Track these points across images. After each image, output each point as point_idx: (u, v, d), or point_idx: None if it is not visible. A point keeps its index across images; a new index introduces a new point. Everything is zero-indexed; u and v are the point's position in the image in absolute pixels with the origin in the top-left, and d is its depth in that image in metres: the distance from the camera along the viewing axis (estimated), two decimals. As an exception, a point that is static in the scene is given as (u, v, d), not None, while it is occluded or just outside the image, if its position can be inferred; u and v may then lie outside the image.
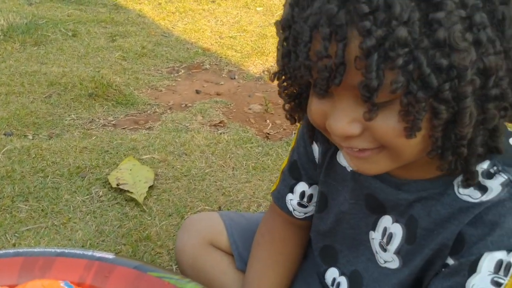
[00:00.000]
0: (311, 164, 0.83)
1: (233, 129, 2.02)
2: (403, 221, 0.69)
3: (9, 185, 1.52)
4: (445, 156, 0.55)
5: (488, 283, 0.57)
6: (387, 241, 0.72)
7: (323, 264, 0.86)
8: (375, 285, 0.75)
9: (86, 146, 1.79)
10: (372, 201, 0.73)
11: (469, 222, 0.60)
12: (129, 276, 0.80)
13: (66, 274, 0.79)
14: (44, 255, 0.83)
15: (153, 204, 1.48)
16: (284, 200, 0.88)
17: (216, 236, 1.01)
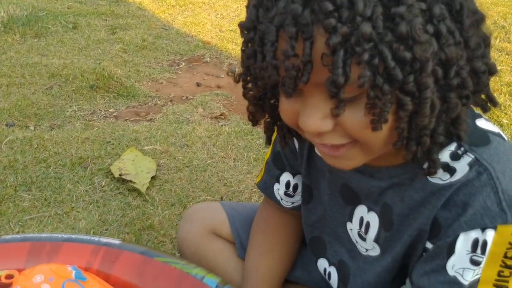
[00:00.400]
0: (293, 155, 0.84)
1: (234, 121, 2.03)
2: (377, 210, 0.71)
3: (11, 174, 1.53)
4: (409, 146, 0.57)
5: (467, 262, 0.59)
6: (365, 230, 0.73)
7: (313, 255, 0.87)
8: (361, 273, 0.77)
9: (88, 137, 1.79)
10: (346, 191, 0.75)
11: (442, 205, 0.61)
12: (136, 261, 0.81)
13: (73, 259, 0.81)
14: (51, 240, 0.84)
15: (155, 194, 1.49)
16: (272, 190, 0.90)
17: (218, 225, 1.02)
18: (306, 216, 0.85)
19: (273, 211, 0.95)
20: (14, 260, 0.81)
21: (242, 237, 1.00)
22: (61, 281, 0.74)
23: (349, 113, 0.54)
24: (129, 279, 0.79)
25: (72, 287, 0.73)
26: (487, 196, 0.57)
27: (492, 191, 0.57)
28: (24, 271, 0.78)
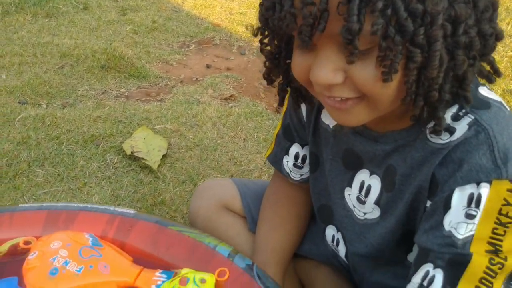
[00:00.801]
0: (301, 126, 0.86)
1: (244, 103, 2.04)
2: (380, 173, 0.72)
3: (25, 150, 1.55)
4: (417, 102, 0.59)
5: (462, 217, 0.60)
6: (365, 194, 0.75)
7: (322, 223, 0.89)
8: (361, 238, 0.78)
9: (100, 115, 1.81)
10: (350, 155, 0.76)
11: (439, 162, 0.63)
12: (151, 230, 0.83)
13: (89, 228, 0.82)
14: (67, 209, 0.86)
15: (166, 171, 1.51)
16: (281, 163, 0.92)
17: (230, 200, 1.04)
18: (314, 184, 0.87)
19: (282, 186, 0.96)
20: (31, 228, 0.83)
21: (253, 212, 1.02)
22: (78, 247, 0.76)
23: (360, 66, 0.56)
24: (144, 248, 0.81)
25: (89, 253, 0.75)
26: (483, 154, 0.59)
27: (489, 149, 0.59)
28: (42, 237, 0.80)
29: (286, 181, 0.95)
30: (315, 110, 0.81)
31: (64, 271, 0.72)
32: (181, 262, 0.78)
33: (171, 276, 0.74)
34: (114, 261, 0.76)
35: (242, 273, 0.75)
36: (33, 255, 0.75)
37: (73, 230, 0.82)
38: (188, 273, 0.73)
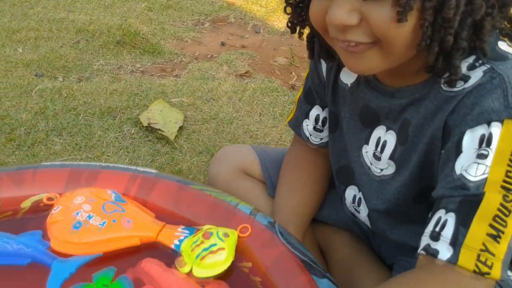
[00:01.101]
0: (322, 86, 0.86)
1: (259, 79, 2.03)
2: (396, 128, 0.71)
3: (42, 120, 1.56)
4: (432, 48, 0.58)
5: (473, 158, 0.58)
6: (380, 150, 0.74)
7: (341, 185, 0.88)
8: (379, 194, 0.78)
9: (116, 88, 1.81)
10: (366, 112, 0.76)
11: (452, 109, 0.62)
12: (172, 188, 0.83)
13: (111, 185, 0.83)
14: (89, 167, 0.86)
15: (183, 142, 1.51)
16: (301, 127, 0.92)
17: (249, 165, 1.04)
18: (333, 145, 0.86)
19: (302, 151, 0.96)
20: (54, 185, 0.83)
21: (272, 177, 1.01)
22: (101, 203, 0.76)
23: (375, 6, 0.56)
24: (166, 206, 0.81)
25: (112, 208, 0.76)
26: (496, 98, 0.57)
27: (502, 94, 0.57)
28: (65, 193, 0.80)
29: (306, 146, 0.95)
30: (335, 69, 0.81)
31: (88, 225, 0.73)
32: (203, 220, 0.78)
33: (193, 232, 0.74)
34: (137, 216, 0.76)
35: (264, 229, 0.75)
36: (56, 210, 0.76)
37: (95, 187, 0.82)
38: (211, 228, 0.73)
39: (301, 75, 2.14)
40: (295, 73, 2.16)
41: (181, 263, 0.70)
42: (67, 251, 0.71)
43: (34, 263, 0.70)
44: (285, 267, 0.70)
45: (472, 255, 0.55)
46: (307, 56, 0.78)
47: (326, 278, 0.68)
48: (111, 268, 0.68)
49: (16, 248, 0.70)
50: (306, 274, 0.68)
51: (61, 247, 0.71)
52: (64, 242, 0.71)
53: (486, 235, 0.55)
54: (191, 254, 0.69)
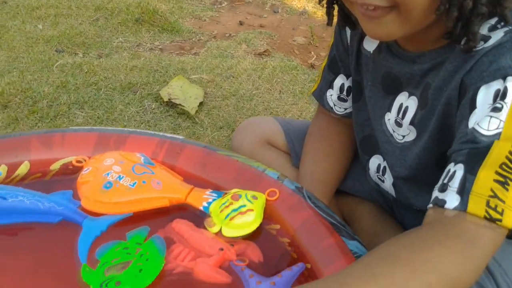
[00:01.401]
0: (346, 55, 0.86)
1: (278, 58, 2.02)
2: (418, 93, 0.71)
3: (64, 94, 1.57)
4: (450, 12, 0.57)
5: (487, 111, 0.56)
6: (402, 116, 0.74)
7: (365, 155, 0.88)
8: (398, 163, 0.77)
9: (136, 65, 1.82)
10: (388, 79, 0.75)
11: (469, 68, 0.61)
12: (199, 153, 0.83)
13: (139, 150, 0.83)
14: (117, 132, 0.86)
15: (204, 117, 1.52)
16: (325, 97, 0.92)
17: (273, 136, 1.04)
18: (357, 114, 0.86)
19: (326, 121, 0.96)
20: (83, 148, 0.84)
21: (296, 148, 1.01)
22: (130, 165, 0.77)
23: None
24: (193, 171, 0.81)
25: (141, 170, 0.76)
26: None
27: None
28: (94, 156, 0.81)
29: (330, 116, 0.94)
30: (358, 37, 0.80)
31: (118, 185, 0.73)
32: (230, 184, 0.78)
33: (221, 195, 0.74)
34: (166, 178, 0.77)
35: (292, 194, 0.75)
36: (86, 170, 0.76)
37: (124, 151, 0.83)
38: (239, 191, 0.74)
39: (321, 55, 2.13)
40: (314, 53, 2.14)
41: (210, 223, 0.70)
42: (97, 210, 0.72)
43: (65, 221, 0.71)
44: (314, 229, 0.70)
45: (481, 201, 0.53)
46: (326, 24, 0.76)
47: (355, 240, 0.68)
48: (145, 227, 0.69)
49: (48, 206, 0.71)
50: (335, 235, 0.68)
51: (91, 206, 0.72)
52: (95, 201, 0.72)
53: (493, 181, 0.53)
54: (220, 215, 0.70)
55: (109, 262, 0.62)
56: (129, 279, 0.60)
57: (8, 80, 1.61)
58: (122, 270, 0.61)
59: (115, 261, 0.62)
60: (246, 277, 0.63)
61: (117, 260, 0.62)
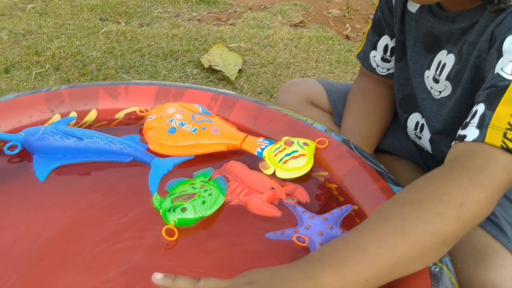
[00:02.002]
0: (391, 16, 0.90)
1: (314, 29, 2.06)
2: (456, 50, 0.75)
3: (111, 59, 1.65)
4: None
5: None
6: (439, 72, 0.78)
7: (404, 113, 0.92)
8: (434, 118, 0.82)
9: (176, 34, 1.88)
10: (429, 38, 0.79)
11: (500, 21, 0.64)
12: (251, 107, 0.89)
13: (196, 102, 0.90)
14: (175, 86, 0.93)
15: (243, 83, 1.58)
16: (368, 58, 0.97)
17: (315, 96, 1.09)
18: (399, 74, 0.91)
19: (368, 82, 1.00)
20: (144, 99, 0.91)
21: (339, 107, 1.06)
22: (190, 113, 0.84)
23: None
24: (245, 123, 0.88)
25: (200, 118, 0.83)
26: None
27: None
28: (156, 106, 0.88)
29: (372, 77, 0.99)
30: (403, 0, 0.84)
31: (181, 130, 0.80)
32: (280, 136, 0.84)
33: (272, 143, 0.81)
34: (223, 126, 0.83)
35: (340, 144, 0.81)
36: (151, 118, 0.84)
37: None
38: (291, 138, 0.80)
39: (355, 27, 2.16)
40: (349, 25, 2.17)
41: (264, 166, 0.77)
42: (163, 152, 0.79)
43: (135, 161, 0.78)
44: (361, 175, 0.76)
45: (498, 133, 0.56)
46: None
47: (400, 187, 0.74)
48: (210, 168, 0.76)
49: (120, 148, 0.78)
50: (381, 181, 0.73)
51: (158, 148, 0.79)
52: (161, 144, 0.79)
53: (511, 116, 0.56)
54: (274, 159, 0.76)
55: (176, 193, 0.69)
56: (194, 207, 0.67)
57: (58, 44, 1.70)
58: (188, 200, 0.68)
59: (182, 192, 0.69)
60: (300, 212, 0.69)
61: (184, 192, 0.69)
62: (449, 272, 0.57)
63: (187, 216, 0.66)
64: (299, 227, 0.66)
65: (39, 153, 0.77)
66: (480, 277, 0.65)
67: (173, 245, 0.64)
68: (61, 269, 0.60)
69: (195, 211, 0.67)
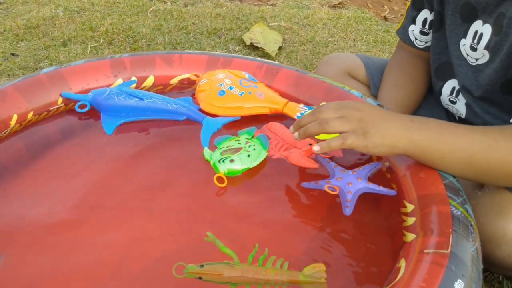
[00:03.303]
0: None
1: (352, 10, 2.10)
2: (492, 21, 0.80)
3: (159, 35, 1.75)
4: None
5: None
6: (477, 41, 0.84)
7: (439, 82, 0.98)
8: (470, 83, 0.88)
9: (219, 13, 1.97)
10: (466, 8, 0.85)
11: None
12: (293, 75, 0.97)
13: (242, 70, 0.98)
14: (223, 56, 1.02)
15: (283, 59, 1.65)
16: (407, 32, 1.03)
17: (354, 68, 1.16)
18: (436, 44, 0.97)
19: (406, 55, 1.07)
20: (196, 67, 1.00)
21: (376, 80, 1.13)
22: (238, 79, 0.92)
23: None
24: (287, 90, 0.96)
25: (247, 83, 0.92)
26: None
27: None
28: (206, 72, 0.97)
29: (409, 50, 1.05)
30: None
31: (229, 93, 0.89)
32: (320, 101, 0.92)
33: (312, 108, 0.89)
34: (266, 91, 0.92)
35: (374, 109, 0.88)
36: (203, 82, 0.93)
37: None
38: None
39: (394, 9, 2.19)
40: (387, 7, 2.20)
41: (305, 127, 0.85)
42: (213, 112, 0.89)
43: (188, 119, 0.88)
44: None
45: None
46: None
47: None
48: (253, 127, 0.85)
49: (175, 107, 0.88)
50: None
51: (209, 109, 0.89)
52: (211, 105, 0.89)
53: None
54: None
55: (224, 147, 0.78)
56: (240, 159, 0.76)
57: (110, 21, 1.81)
58: (235, 153, 0.77)
59: (229, 147, 0.78)
60: (332, 166, 0.77)
61: (230, 146, 0.78)
62: (469, 217, 0.64)
63: (235, 167, 0.75)
64: (331, 178, 0.74)
65: (106, 111, 0.88)
66: (501, 229, 0.71)
67: (222, 192, 0.74)
68: (124, 209, 0.70)
69: (242, 162, 0.76)
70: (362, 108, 0.69)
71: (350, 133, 0.66)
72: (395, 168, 0.77)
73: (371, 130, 0.66)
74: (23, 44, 1.67)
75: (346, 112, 0.68)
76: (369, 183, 0.73)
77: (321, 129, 0.68)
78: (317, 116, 0.69)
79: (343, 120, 0.67)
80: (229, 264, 0.60)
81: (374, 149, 0.66)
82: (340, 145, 0.66)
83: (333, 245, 0.66)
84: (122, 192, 0.73)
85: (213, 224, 0.67)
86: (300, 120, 0.71)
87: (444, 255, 0.57)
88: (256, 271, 0.59)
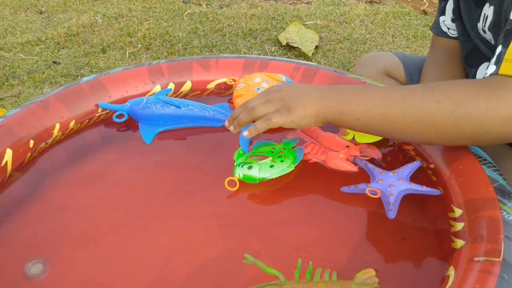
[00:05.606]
0: None
1: (390, 5, 2.06)
2: (496, 2, 0.77)
3: (195, 38, 1.76)
4: None
5: None
6: (484, 24, 0.81)
7: (471, 69, 0.94)
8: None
9: (255, 13, 1.96)
10: None
11: None
12: (331, 76, 0.95)
13: (279, 72, 0.97)
14: (260, 58, 1.01)
15: (320, 58, 1.63)
16: (439, 25, 1.02)
17: (392, 68, 1.13)
18: (460, 32, 0.95)
19: (441, 53, 1.03)
20: (233, 71, 1.00)
21: (414, 79, 1.10)
22: (275, 82, 0.91)
23: None
24: (325, 91, 0.94)
25: (284, 86, 0.90)
26: None
27: None
28: (244, 76, 0.97)
29: (444, 45, 1.02)
30: None
31: (267, 97, 0.88)
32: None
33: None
34: (305, 94, 0.90)
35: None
36: (240, 86, 0.92)
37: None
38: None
39: (433, 2, 2.13)
40: (426, 0, 2.14)
41: (344, 132, 0.83)
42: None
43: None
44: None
45: (511, 64, 0.60)
46: None
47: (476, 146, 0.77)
48: (295, 139, 0.83)
49: (212, 114, 0.88)
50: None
51: (246, 113, 0.88)
52: (249, 109, 0.88)
53: None
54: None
55: (255, 153, 0.77)
56: (260, 168, 0.74)
57: (147, 26, 1.84)
58: (260, 160, 0.76)
59: (260, 153, 0.77)
60: (371, 168, 0.75)
61: (261, 153, 0.77)
62: (521, 222, 0.61)
63: (251, 174, 0.74)
64: (371, 181, 0.72)
65: (143, 121, 0.88)
66: None
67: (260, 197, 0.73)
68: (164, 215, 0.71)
69: (260, 171, 0.74)
70: (282, 88, 0.72)
71: (274, 112, 0.69)
72: (440, 170, 0.75)
73: (293, 105, 0.69)
74: (64, 52, 1.71)
75: (269, 96, 0.72)
76: (411, 183, 0.71)
77: (250, 116, 0.72)
78: (245, 106, 0.74)
79: (267, 104, 0.71)
80: (277, 284, 0.59)
81: (301, 122, 0.69)
82: (266, 126, 0.69)
83: (378, 250, 0.65)
84: (162, 198, 0.73)
85: (253, 231, 0.67)
86: (233, 113, 0.76)
87: (496, 263, 0.54)
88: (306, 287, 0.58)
